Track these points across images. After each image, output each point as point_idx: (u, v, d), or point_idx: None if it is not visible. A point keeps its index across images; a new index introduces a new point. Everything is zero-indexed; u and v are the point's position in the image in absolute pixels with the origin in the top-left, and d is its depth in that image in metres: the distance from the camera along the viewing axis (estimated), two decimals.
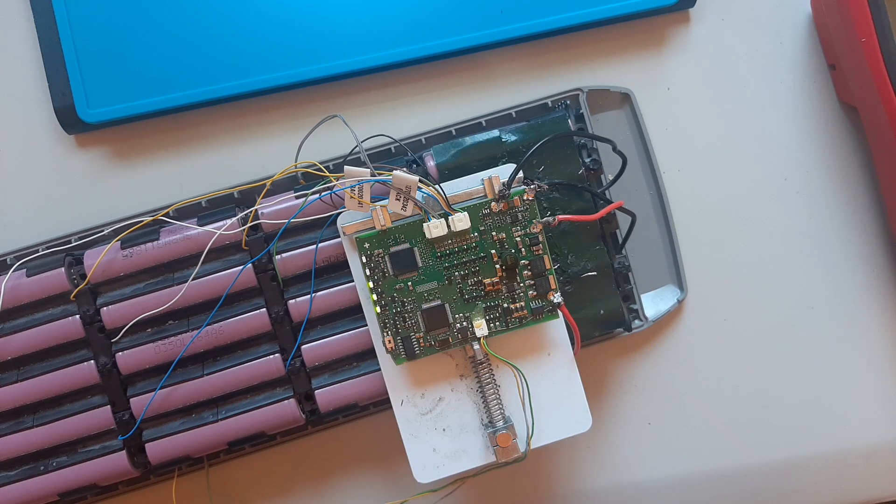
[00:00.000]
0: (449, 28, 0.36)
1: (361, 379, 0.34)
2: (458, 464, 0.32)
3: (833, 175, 0.39)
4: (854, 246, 0.39)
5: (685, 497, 0.39)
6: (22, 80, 0.37)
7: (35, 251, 0.34)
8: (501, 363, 0.32)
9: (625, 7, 0.37)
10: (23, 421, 0.33)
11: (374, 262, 0.31)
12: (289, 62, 0.36)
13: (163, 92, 0.35)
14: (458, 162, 0.34)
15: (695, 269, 0.38)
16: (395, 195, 0.30)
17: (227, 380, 0.33)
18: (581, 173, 0.34)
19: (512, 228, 0.31)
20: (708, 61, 0.39)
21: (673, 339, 0.39)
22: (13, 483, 0.33)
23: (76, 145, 0.37)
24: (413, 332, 0.31)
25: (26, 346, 0.33)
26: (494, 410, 0.32)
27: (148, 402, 0.33)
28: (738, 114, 0.39)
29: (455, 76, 0.38)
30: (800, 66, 0.39)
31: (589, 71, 0.38)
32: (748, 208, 0.39)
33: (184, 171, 0.37)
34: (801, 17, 0.39)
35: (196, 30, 0.36)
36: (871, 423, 0.39)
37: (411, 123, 0.38)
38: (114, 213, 0.35)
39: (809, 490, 0.39)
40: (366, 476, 0.38)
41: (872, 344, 0.39)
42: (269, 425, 0.34)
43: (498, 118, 0.36)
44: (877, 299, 0.39)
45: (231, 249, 0.34)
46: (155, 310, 0.32)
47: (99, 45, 0.35)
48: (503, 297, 0.31)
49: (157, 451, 0.33)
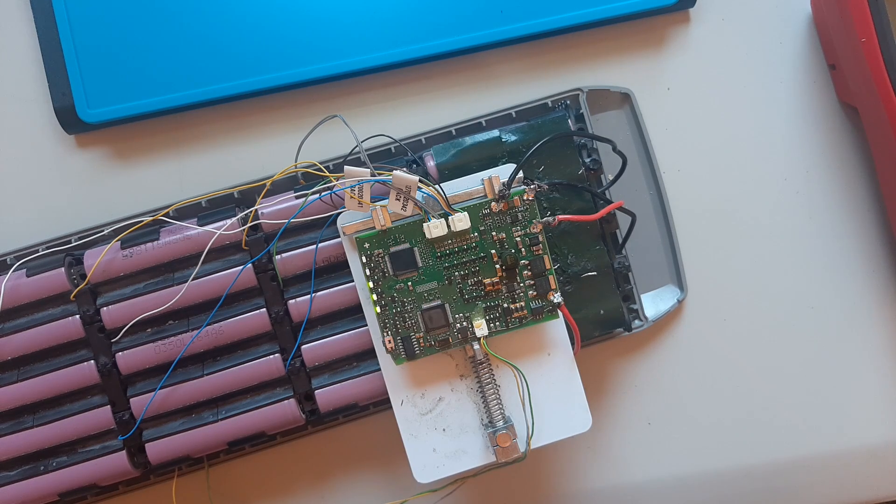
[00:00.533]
0: (449, 28, 0.36)
1: (361, 379, 0.34)
2: (458, 464, 0.32)
3: (833, 175, 0.39)
4: (854, 246, 0.39)
5: (685, 497, 0.39)
6: (22, 80, 0.37)
7: (35, 251, 0.34)
8: (501, 363, 0.32)
9: (625, 7, 0.37)
10: (23, 421, 0.33)
11: (374, 262, 0.31)
12: (289, 62, 0.36)
13: (163, 92, 0.36)
14: (458, 162, 0.34)
15: (695, 269, 0.38)
16: (395, 195, 0.30)
17: (227, 380, 0.33)
18: (581, 173, 0.34)
19: (512, 228, 0.31)
20: (708, 61, 0.39)
21: (673, 339, 0.39)
22: (13, 483, 0.33)
23: (76, 145, 0.37)
24: (413, 332, 0.31)
25: (26, 346, 0.33)
26: (494, 410, 0.32)
27: (148, 402, 0.33)
28: (738, 114, 0.39)
29: (455, 76, 0.38)
30: (800, 66, 0.39)
31: (589, 71, 0.38)
32: (748, 208, 0.39)
33: (184, 171, 0.37)
34: (801, 17, 0.39)
35: (196, 30, 0.36)
36: (871, 423, 0.39)
37: (411, 123, 0.37)
38: (114, 213, 0.35)
39: (809, 490, 0.39)
40: (366, 476, 0.38)
41: (872, 344, 0.39)
42: (269, 425, 0.34)
43: (498, 118, 0.36)
44: (877, 299, 0.39)
45: (231, 249, 0.34)
46: (155, 310, 0.32)
47: (99, 45, 0.35)
48: (503, 297, 0.31)
49: (157, 451, 0.33)
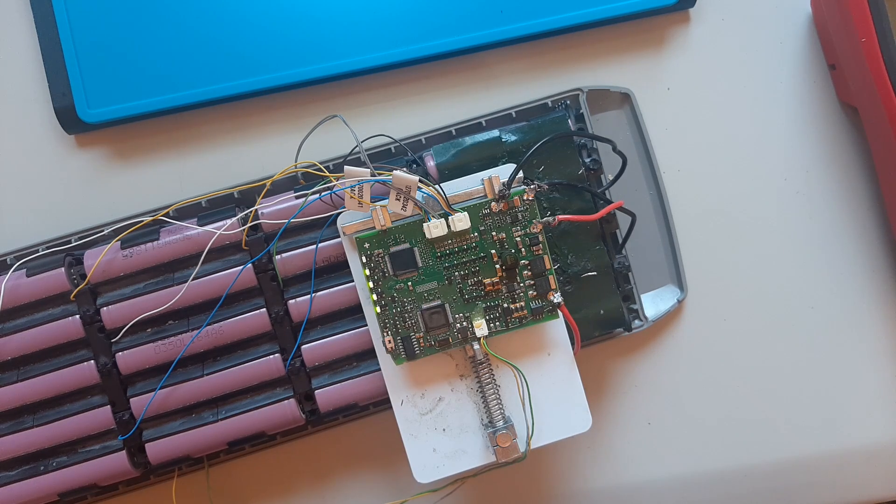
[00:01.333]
0: (449, 28, 0.36)
1: (361, 379, 0.34)
2: (458, 464, 0.32)
3: (833, 175, 0.39)
4: (854, 246, 0.39)
5: (685, 497, 0.39)
6: (22, 80, 0.37)
7: (35, 251, 0.34)
8: (501, 363, 0.32)
9: (625, 7, 0.37)
10: (23, 421, 0.33)
11: (374, 262, 0.31)
12: (289, 62, 0.36)
13: (163, 92, 0.36)
14: (458, 162, 0.34)
15: (695, 269, 0.38)
16: (395, 195, 0.30)
17: (227, 380, 0.33)
18: (581, 173, 0.34)
19: (512, 228, 0.31)
20: (708, 61, 0.39)
21: (673, 339, 0.39)
22: (13, 483, 0.33)
23: (76, 145, 0.37)
24: (413, 332, 0.31)
25: (26, 346, 0.33)
26: (494, 410, 0.32)
27: (148, 402, 0.33)
28: (738, 114, 0.39)
29: (455, 76, 0.38)
30: (800, 66, 0.39)
31: (589, 71, 0.38)
32: (748, 208, 0.39)
33: (184, 171, 0.37)
34: (801, 17, 0.39)
35: (196, 30, 0.36)
36: (871, 424, 0.39)
37: (411, 123, 0.37)
38: (114, 213, 0.35)
39: (809, 490, 0.39)
40: (366, 476, 0.38)
41: (872, 344, 0.39)
42: (269, 425, 0.34)
43: (498, 118, 0.36)
44: (877, 299, 0.39)
45: (231, 249, 0.34)
46: (155, 310, 0.32)
47: (99, 45, 0.35)
48: (503, 297, 0.31)
49: (157, 451, 0.33)
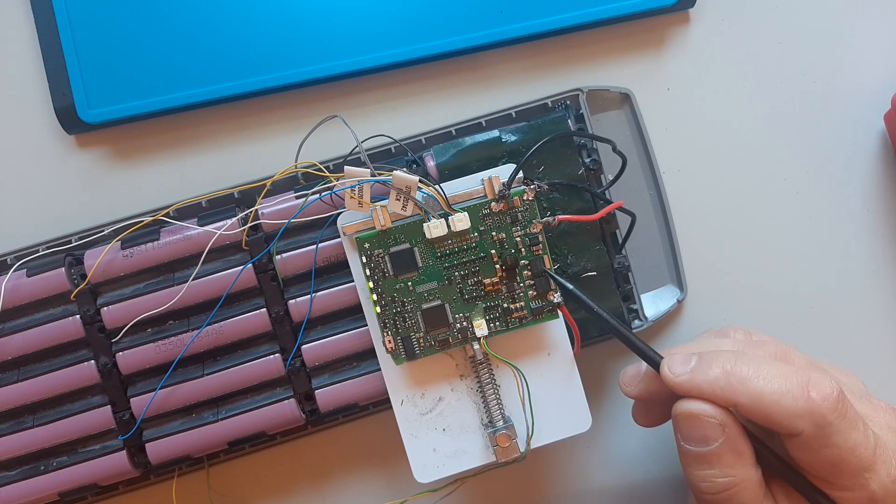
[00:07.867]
0: (449, 28, 0.36)
1: (361, 379, 0.34)
2: (458, 464, 0.32)
3: (833, 175, 0.39)
4: (854, 246, 0.39)
5: (685, 497, 0.39)
6: (22, 80, 0.37)
7: (35, 251, 0.34)
8: (501, 363, 0.32)
9: (625, 7, 0.37)
10: (23, 421, 0.33)
11: (374, 262, 0.31)
12: (289, 62, 0.36)
13: (163, 92, 0.36)
14: (458, 162, 0.34)
15: (695, 269, 0.38)
16: (395, 195, 0.30)
17: (227, 380, 0.33)
18: (581, 173, 0.34)
19: (512, 228, 0.31)
20: (708, 61, 0.39)
21: (673, 339, 0.39)
22: (13, 483, 0.33)
23: (76, 145, 0.37)
24: (413, 332, 0.31)
25: (26, 346, 0.33)
26: (494, 410, 0.32)
27: (148, 402, 0.33)
28: (738, 114, 0.39)
29: (455, 76, 0.38)
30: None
31: (589, 71, 0.38)
32: (748, 208, 0.39)
33: (184, 171, 0.37)
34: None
35: (196, 30, 0.36)
36: None
37: (411, 123, 0.37)
38: (114, 213, 0.35)
39: None
40: (366, 476, 0.38)
41: (872, 344, 0.39)
42: (269, 425, 0.34)
43: (498, 118, 0.36)
44: (877, 299, 0.39)
45: (231, 249, 0.34)
46: (155, 310, 0.33)
47: (99, 45, 0.35)
48: (503, 297, 0.31)
49: (158, 451, 0.33)
